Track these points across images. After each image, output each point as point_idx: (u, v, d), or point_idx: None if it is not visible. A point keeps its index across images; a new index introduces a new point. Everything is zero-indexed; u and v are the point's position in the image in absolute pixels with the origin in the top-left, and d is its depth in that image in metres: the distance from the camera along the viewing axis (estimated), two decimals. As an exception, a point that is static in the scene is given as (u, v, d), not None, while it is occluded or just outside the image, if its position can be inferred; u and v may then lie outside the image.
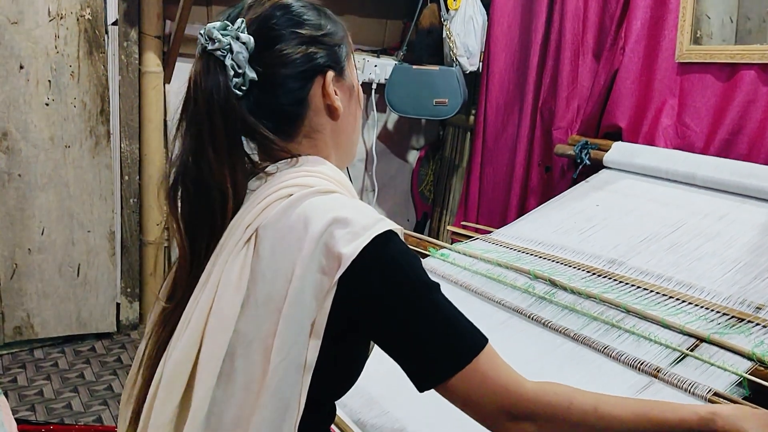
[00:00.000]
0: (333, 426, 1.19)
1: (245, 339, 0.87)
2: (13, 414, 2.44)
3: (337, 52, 0.98)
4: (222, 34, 0.90)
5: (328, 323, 0.85)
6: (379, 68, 3.06)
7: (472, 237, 1.86)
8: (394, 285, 0.86)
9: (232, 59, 0.90)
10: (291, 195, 0.90)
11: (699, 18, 2.16)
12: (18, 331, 2.88)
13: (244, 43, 0.91)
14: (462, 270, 1.64)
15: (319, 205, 0.88)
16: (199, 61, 0.92)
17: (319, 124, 0.98)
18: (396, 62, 3.03)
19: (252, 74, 0.92)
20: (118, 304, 3.10)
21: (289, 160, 0.96)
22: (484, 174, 2.84)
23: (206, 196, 0.92)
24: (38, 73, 2.72)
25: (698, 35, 2.17)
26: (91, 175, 2.88)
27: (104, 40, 2.82)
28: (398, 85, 2.99)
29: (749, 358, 1.07)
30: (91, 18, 2.76)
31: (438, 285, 0.88)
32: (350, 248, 0.83)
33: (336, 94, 0.97)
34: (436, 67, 2.95)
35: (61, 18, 2.70)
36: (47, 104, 2.75)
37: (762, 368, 1.05)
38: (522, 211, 2.48)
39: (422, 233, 3.23)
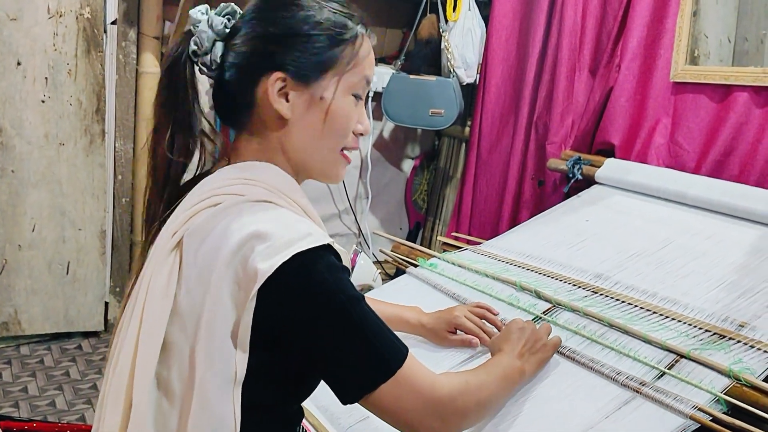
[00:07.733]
0: (312, 430, 1.19)
1: (178, 349, 0.86)
2: (-4, 410, 2.44)
3: (310, 57, 0.93)
4: (200, 12, 0.95)
5: (260, 334, 0.84)
6: (376, 76, 3.06)
7: (462, 248, 1.86)
8: (317, 303, 0.84)
9: (196, 36, 0.94)
10: (219, 204, 0.89)
11: (697, 37, 2.17)
12: (5, 327, 2.87)
13: (211, 25, 0.94)
14: (449, 280, 1.65)
15: (244, 217, 0.86)
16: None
17: (264, 124, 0.96)
18: (393, 71, 3.04)
19: (217, 55, 0.95)
20: (106, 303, 3.09)
21: (236, 164, 0.97)
22: (478, 185, 2.84)
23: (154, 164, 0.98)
24: (35, 70, 2.72)
25: (696, 54, 2.18)
26: (84, 173, 2.88)
27: (103, 39, 2.82)
28: (395, 94, 3.00)
29: (727, 375, 1.08)
30: (90, 17, 2.76)
31: (362, 297, 0.88)
32: (267, 264, 0.82)
33: (286, 100, 0.94)
34: (433, 78, 2.96)
35: (61, 16, 2.71)
36: (43, 101, 2.75)
37: (739, 385, 1.05)
38: (514, 223, 2.49)
39: (414, 242, 3.23)
